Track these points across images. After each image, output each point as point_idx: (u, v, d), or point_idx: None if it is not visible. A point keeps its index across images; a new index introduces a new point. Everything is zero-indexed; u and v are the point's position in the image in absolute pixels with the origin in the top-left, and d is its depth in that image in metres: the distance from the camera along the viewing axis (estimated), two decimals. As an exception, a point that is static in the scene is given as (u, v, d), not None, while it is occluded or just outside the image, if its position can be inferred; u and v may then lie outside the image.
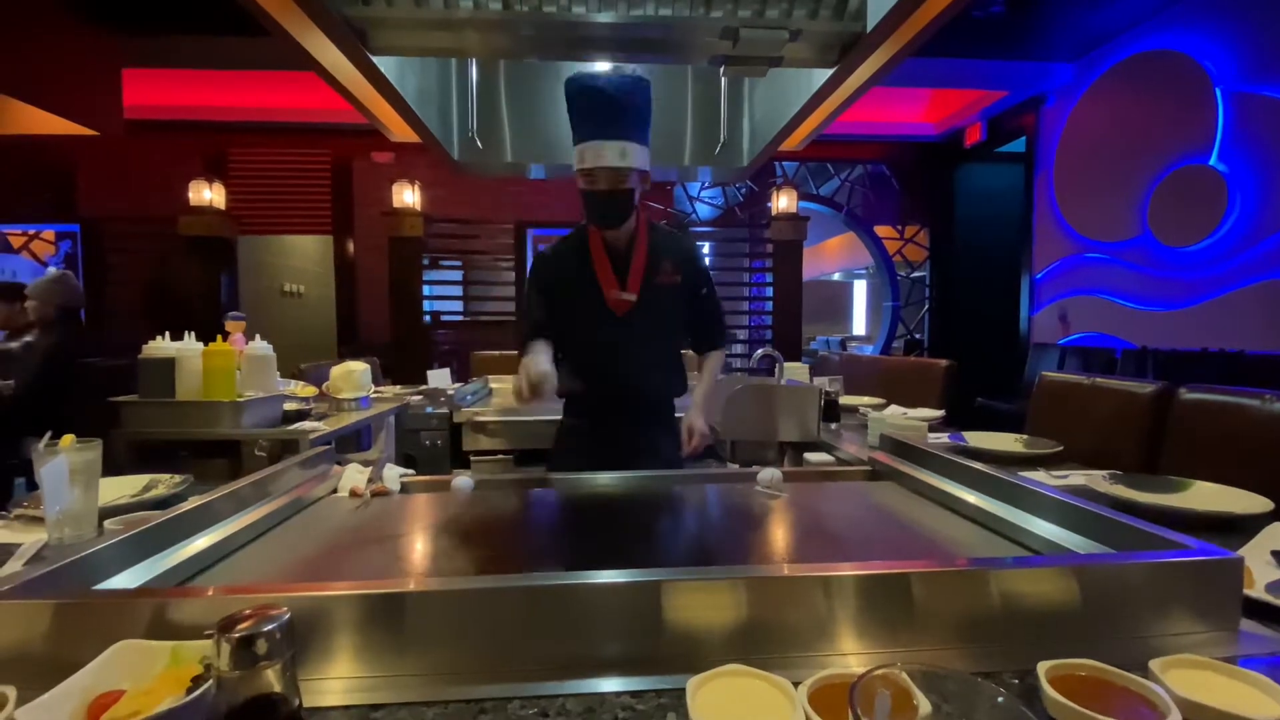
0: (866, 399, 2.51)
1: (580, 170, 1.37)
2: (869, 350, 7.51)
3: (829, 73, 1.70)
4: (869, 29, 1.48)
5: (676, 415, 1.63)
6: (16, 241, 5.55)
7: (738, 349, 6.14)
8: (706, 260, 1.68)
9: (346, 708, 0.55)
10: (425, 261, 5.35)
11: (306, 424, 2.08)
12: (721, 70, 1.63)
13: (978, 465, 1.12)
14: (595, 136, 1.33)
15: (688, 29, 1.50)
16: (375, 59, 1.59)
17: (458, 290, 5.86)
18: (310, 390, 2.67)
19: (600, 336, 1.50)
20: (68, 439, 0.93)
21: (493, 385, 3.23)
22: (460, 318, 5.76)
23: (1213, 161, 3.84)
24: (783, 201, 5.24)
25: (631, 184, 1.38)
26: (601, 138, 1.32)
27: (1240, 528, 1.01)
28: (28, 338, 2.96)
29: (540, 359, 1.33)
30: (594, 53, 1.58)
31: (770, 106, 2.25)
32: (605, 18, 1.47)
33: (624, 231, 1.46)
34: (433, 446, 2.67)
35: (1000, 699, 0.37)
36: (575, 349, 1.53)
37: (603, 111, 1.33)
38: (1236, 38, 3.75)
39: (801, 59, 1.62)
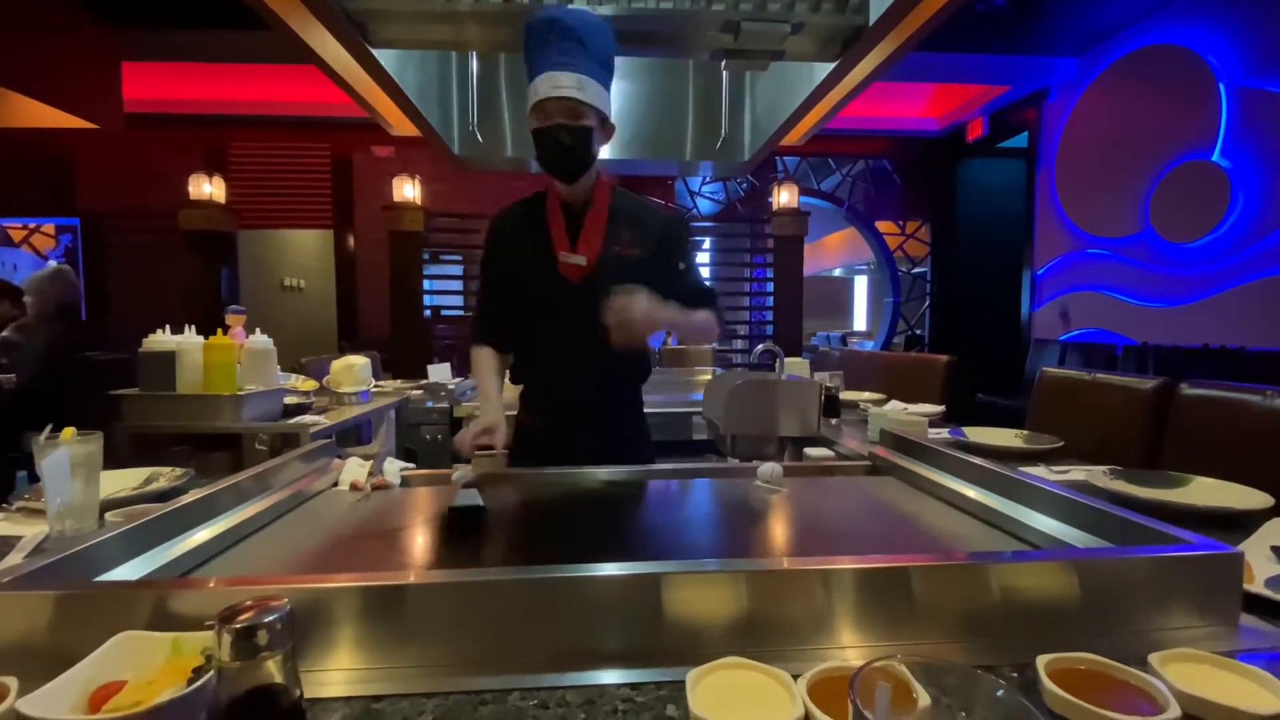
0: (867, 394, 2.51)
1: (533, 106, 1.22)
2: (869, 346, 7.50)
3: (831, 67, 1.69)
4: (871, 23, 1.48)
5: (645, 410, 1.53)
6: (17, 235, 5.54)
7: (738, 344, 6.13)
8: (686, 235, 1.48)
9: (347, 699, 0.55)
10: (426, 256, 5.34)
11: (307, 418, 2.09)
12: (723, 64, 1.63)
13: (978, 460, 1.12)
14: (550, 68, 1.19)
15: (689, 22, 1.49)
16: (376, 52, 1.59)
17: (458, 285, 5.85)
18: (311, 384, 2.68)
19: (552, 308, 1.36)
20: (69, 432, 0.93)
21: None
22: (461, 312, 5.75)
23: (1215, 157, 3.83)
24: (784, 197, 5.23)
25: (589, 123, 1.22)
26: (558, 69, 1.19)
27: (1240, 523, 1.00)
28: (27, 336, 2.96)
29: (492, 410, 1.30)
30: (595, 46, 1.57)
31: (771, 101, 2.25)
32: (606, 10, 1.46)
33: (581, 189, 1.32)
34: (433, 441, 2.67)
35: (1000, 692, 0.37)
36: (526, 325, 1.40)
37: (560, 43, 1.19)
38: (1241, 33, 3.73)
39: (803, 53, 1.61)
